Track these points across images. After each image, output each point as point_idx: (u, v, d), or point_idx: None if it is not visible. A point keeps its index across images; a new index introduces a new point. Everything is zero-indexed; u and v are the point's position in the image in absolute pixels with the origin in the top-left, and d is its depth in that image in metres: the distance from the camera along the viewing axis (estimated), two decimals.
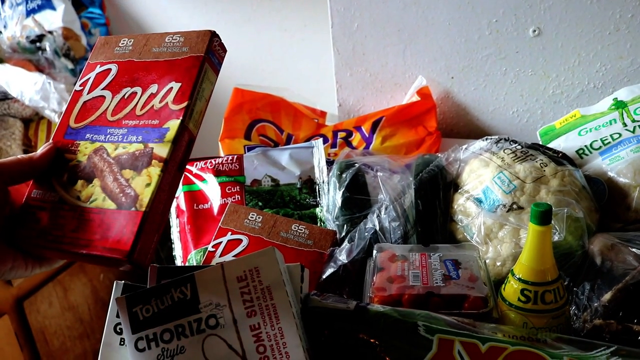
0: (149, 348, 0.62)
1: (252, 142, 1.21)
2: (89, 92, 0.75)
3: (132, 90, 0.73)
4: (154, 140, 0.67)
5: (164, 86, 0.71)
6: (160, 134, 0.68)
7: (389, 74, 1.33)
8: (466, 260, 0.83)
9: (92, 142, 0.70)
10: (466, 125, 1.32)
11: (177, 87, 0.71)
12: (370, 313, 0.67)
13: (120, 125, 0.70)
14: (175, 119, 0.68)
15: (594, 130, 1.06)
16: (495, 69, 1.25)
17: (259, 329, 0.61)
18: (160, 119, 0.68)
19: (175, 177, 0.67)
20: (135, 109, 0.71)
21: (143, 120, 0.70)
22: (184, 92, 0.70)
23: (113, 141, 0.69)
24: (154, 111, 0.70)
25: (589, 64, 1.19)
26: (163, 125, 0.68)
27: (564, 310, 0.75)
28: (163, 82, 0.72)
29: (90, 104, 0.74)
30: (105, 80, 0.75)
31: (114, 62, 0.76)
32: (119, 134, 0.70)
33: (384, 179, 0.98)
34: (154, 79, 0.73)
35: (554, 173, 0.94)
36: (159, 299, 0.63)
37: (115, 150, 0.69)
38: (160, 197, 0.64)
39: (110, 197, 0.65)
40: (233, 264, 0.64)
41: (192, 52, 0.75)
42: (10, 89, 1.70)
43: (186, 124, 0.68)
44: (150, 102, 0.71)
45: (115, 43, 0.79)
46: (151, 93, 0.72)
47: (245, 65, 1.93)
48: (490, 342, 0.64)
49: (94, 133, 0.71)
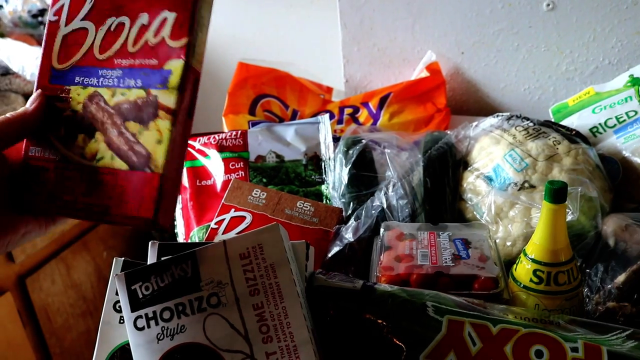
0: (149, 327, 0.60)
1: (256, 117, 1.19)
2: (66, 24, 0.64)
3: (119, 21, 0.63)
4: (156, 85, 0.61)
5: (156, 16, 0.62)
6: (162, 77, 0.61)
7: (398, 49, 1.30)
8: (476, 240, 0.80)
9: (84, 87, 0.63)
10: (476, 102, 1.30)
11: (172, 18, 0.61)
12: (378, 293, 0.65)
13: (113, 65, 0.62)
14: (177, 58, 0.60)
15: (609, 107, 1.04)
16: (507, 45, 1.22)
17: (262, 308, 0.59)
18: (159, 58, 0.61)
19: (186, 126, 0.62)
20: (127, 45, 0.62)
21: (138, 59, 0.62)
22: (182, 24, 0.61)
23: (108, 85, 0.62)
24: (149, 48, 0.61)
25: (604, 39, 1.16)
26: (163, 66, 0.61)
27: (577, 292, 0.73)
28: (154, 11, 0.62)
29: (71, 39, 0.64)
30: (83, 8, 0.64)
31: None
32: (114, 77, 0.62)
33: (392, 156, 0.96)
34: (141, 6, 0.63)
35: (567, 151, 0.91)
36: (159, 277, 0.61)
37: (113, 97, 0.62)
38: (174, 153, 0.60)
39: (119, 155, 0.60)
40: (236, 241, 0.62)
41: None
42: (12, 64, 1.67)
43: (190, 63, 0.61)
44: (143, 36, 0.62)
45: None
46: (142, 24, 0.62)
47: (251, 41, 1.91)
48: (501, 324, 0.62)
49: (84, 76, 0.63)
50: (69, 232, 1.81)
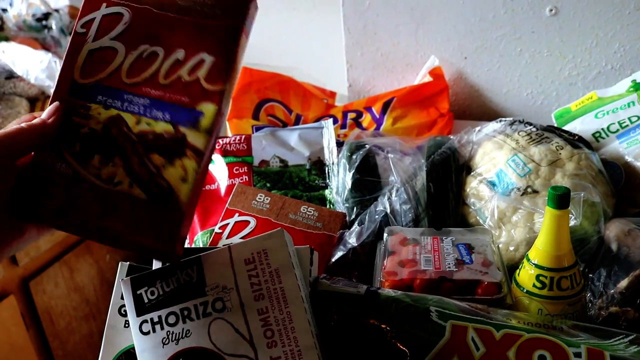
0: (154, 331, 0.60)
1: (260, 122, 1.19)
2: (95, 39, 0.62)
3: (152, 50, 0.61)
4: (186, 124, 0.59)
5: (194, 55, 0.61)
6: (193, 117, 0.59)
7: (401, 53, 1.30)
8: (479, 245, 0.81)
9: (106, 108, 0.60)
10: (479, 107, 1.30)
11: (209, 61, 0.61)
12: (381, 298, 0.65)
13: (141, 92, 0.60)
14: (211, 102, 0.60)
15: (611, 112, 1.04)
16: (509, 50, 1.22)
17: (266, 313, 0.59)
18: (191, 98, 0.60)
19: (207, 167, 0.61)
20: (159, 76, 0.61)
21: (169, 93, 0.60)
22: (220, 70, 0.60)
23: (133, 112, 0.60)
24: (182, 84, 0.60)
25: (607, 44, 1.16)
26: (195, 106, 0.60)
27: (580, 297, 0.73)
28: (191, 50, 0.61)
29: (98, 56, 0.62)
30: (115, 28, 0.62)
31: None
32: (140, 104, 0.60)
33: (395, 161, 0.96)
34: (179, 41, 0.61)
35: (570, 156, 0.92)
36: (164, 281, 0.62)
37: (138, 125, 0.60)
38: (196, 191, 0.59)
39: (139, 184, 0.58)
40: (241, 246, 0.62)
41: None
42: (16, 68, 1.68)
43: (222, 110, 0.60)
44: (177, 71, 0.61)
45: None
46: (177, 59, 0.61)
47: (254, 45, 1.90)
48: (505, 329, 0.62)
49: (108, 96, 0.61)
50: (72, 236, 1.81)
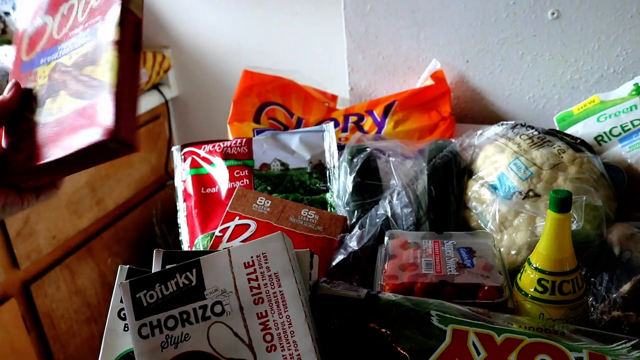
0: (153, 335, 0.60)
1: (261, 125, 1.19)
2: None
3: (69, 4, 0.72)
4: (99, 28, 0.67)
5: None
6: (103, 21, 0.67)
7: (402, 57, 1.30)
8: (481, 249, 0.80)
9: (47, 64, 0.71)
10: (481, 111, 1.30)
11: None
12: (382, 302, 0.65)
13: (69, 37, 0.70)
14: (115, 4, 0.67)
15: (614, 116, 1.04)
16: (511, 53, 1.22)
17: (266, 316, 0.59)
18: (102, 13, 0.67)
19: (134, 58, 0.66)
20: (77, 17, 0.71)
21: (87, 22, 0.69)
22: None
23: (66, 54, 0.70)
24: (93, 10, 0.69)
25: (609, 48, 1.16)
26: (106, 17, 0.67)
27: (582, 302, 0.73)
28: None
29: (35, 35, 0.75)
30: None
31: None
32: (69, 45, 0.70)
33: (396, 164, 0.96)
34: None
35: (572, 160, 0.91)
36: (163, 285, 0.62)
37: (71, 59, 0.69)
38: (124, 74, 0.64)
39: (78, 96, 0.65)
40: (240, 250, 0.62)
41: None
42: None
43: (127, 6, 0.67)
44: (88, 4, 0.70)
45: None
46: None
47: (256, 49, 1.91)
48: (506, 333, 0.62)
49: (47, 55, 0.72)
50: (74, 239, 1.81)
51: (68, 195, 1.80)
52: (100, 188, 1.92)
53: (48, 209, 1.73)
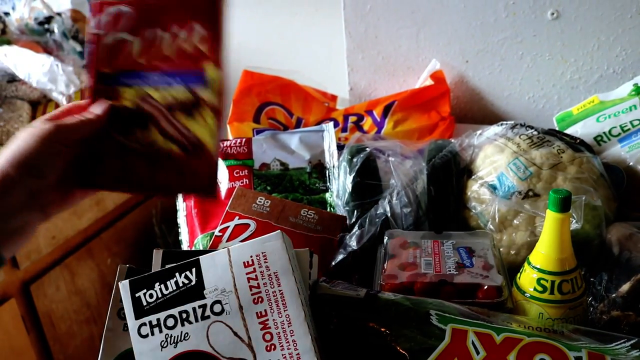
0: (152, 334, 0.60)
1: (261, 125, 1.19)
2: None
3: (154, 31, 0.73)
4: (196, 83, 0.70)
5: (185, 26, 0.72)
6: (199, 76, 0.70)
7: (402, 57, 1.30)
8: (480, 248, 0.80)
9: (130, 87, 0.72)
10: (480, 111, 1.30)
11: (198, 28, 0.73)
12: (381, 301, 0.65)
13: (155, 69, 0.72)
14: (210, 61, 0.71)
15: (613, 116, 1.04)
16: (511, 53, 1.22)
17: (265, 316, 0.59)
18: (193, 61, 0.70)
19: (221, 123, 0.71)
20: (164, 50, 0.72)
21: (178, 63, 0.71)
22: (209, 32, 0.73)
23: (153, 86, 0.71)
24: (183, 52, 0.71)
25: (608, 48, 1.16)
26: (198, 67, 0.70)
27: (581, 301, 0.73)
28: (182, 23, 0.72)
29: (115, 48, 0.74)
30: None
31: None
32: (158, 78, 0.71)
33: (396, 164, 0.96)
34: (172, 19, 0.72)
35: (572, 160, 0.91)
36: (163, 284, 0.62)
37: (160, 95, 0.71)
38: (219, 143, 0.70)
39: (172, 141, 0.69)
40: (240, 249, 0.62)
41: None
42: (18, 71, 1.68)
43: (220, 63, 0.72)
44: (176, 42, 0.72)
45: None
46: (174, 33, 0.72)
47: (256, 49, 1.91)
48: (505, 332, 0.62)
49: (130, 78, 0.72)
50: (73, 239, 1.81)
51: None
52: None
53: None
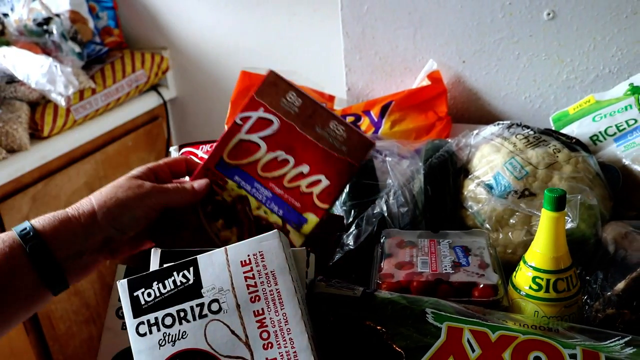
0: (150, 333, 0.61)
1: None
2: (247, 132, 0.79)
3: (286, 157, 0.78)
4: (292, 224, 0.76)
5: (315, 174, 0.77)
6: (299, 220, 0.76)
7: (399, 57, 1.31)
8: (476, 247, 0.81)
9: (239, 187, 0.77)
10: (477, 111, 1.30)
11: (325, 184, 0.77)
12: (377, 300, 0.66)
13: (267, 185, 0.77)
14: (315, 215, 0.76)
15: (609, 116, 1.04)
16: (507, 53, 1.23)
17: (262, 314, 0.60)
18: (302, 205, 0.76)
19: None
20: (284, 179, 0.77)
21: (288, 194, 0.76)
22: (330, 193, 0.77)
23: (257, 197, 0.77)
24: (299, 193, 0.76)
25: (604, 48, 1.16)
26: (303, 212, 0.76)
27: (576, 299, 0.73)
28: (315, 169, 0.78)
29: (245, 146, 0.79)
30: (264, 131, 0.79)
31: (277, 116, 0.80)
32: (264, 195, 0.77)
33: (393, 164, 0.96)
34: (308, 159, 0.78)
35: (568, 159, 0.92)
36: (161, 283, 0.62)
37: (257, 210, 0.76)
38: None
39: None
40: (237, 248, 0.62)
41: (349, 156, 0.79)
42: (17, 72, 1.68)
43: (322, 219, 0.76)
44: (298, 181, 0.77)
45: (283, 92, 0.81)
46: (301, 172, 0.77)
47: (254, 50, 1.92)
48: (500, 330, 0.62)
49: (243, 179, 0.77)
50: None
51: (67, 196, 1.80)
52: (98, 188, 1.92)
53: (47, 209, 1.72)
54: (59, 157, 1.78)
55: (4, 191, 1.62)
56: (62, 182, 1.79)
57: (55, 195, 1.77)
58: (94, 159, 1.91)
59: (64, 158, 1.81)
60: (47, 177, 1.75)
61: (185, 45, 2.08)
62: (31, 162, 1.69)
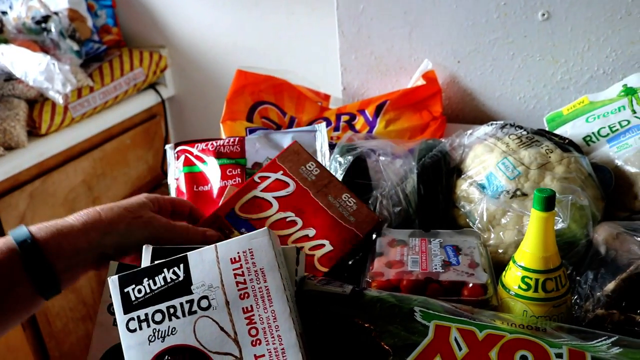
0: (140, 329, 0.61)
1: (254, 124, 1.20)
2: (262, 191, 0.85)
3: (294, 219, 0.83)
4: None
5: (319, 239, 0.82)
6: None
7: (395, 57, 1.31)
8: (467, 247, 0.81)
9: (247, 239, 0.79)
10: (472, 111, 1.31)
11: (328, 249, 0.81)
12: (366, 298, 0.66)
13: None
14: None
15: (602, 117, 1.04)
16: (502, 54, 1.23)
17: (251, 311, 0.60)
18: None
19: None
20: (289, 238, 0.81)
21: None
22: (331, 258, 0.81)
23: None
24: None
25: (599, 49, 1.17)
26: None
27: (565, 299, 0.74)
28: (320, 234, 0.82)
29: (258, 202, 0.84)
30: (279, 192, 0.85)
31: (294, 180, 0.86)
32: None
33: (386, 164, 0.97)
34: (316, 224, 0.82)
35: (560, 159, 0.92)
36: (151, 280, 0.63)
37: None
38: None
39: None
40: (227, 245, 0.63)
41: (356, 227, 0.83)
42: (15, 70, 1.69)
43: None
44: (303, 242, 0.81)
45: (304, 161, 0.88)
46: (307, 235, 0.82)
47: (251, 48, 1.92)
48: (487, 329, 0.63)
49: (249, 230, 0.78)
50: None
51: (64, 193, 1.81)
52: (96, 186, 1.93)
53: (44, 207, 1.74)
54: (56, 155, 1.79)
55: (1, 188, 1.62)
56: (59, 179, 1.79)
57: (53, 193, 1.77)
58: (92, 156, 1.91)
59: (62, 155, 1.82)
60: (45, 174, 1.75)
61: (184, 43, 2.08)
62: (29, 160, 1.70)
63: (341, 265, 0.83)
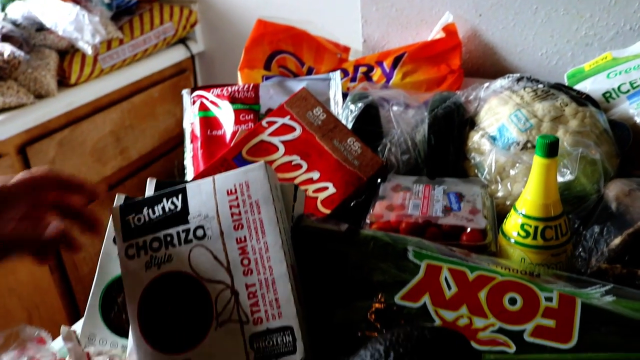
0: (138, 256, 0.63)
1: (271, 72, 1.20)
2: (269, 135, 0.87)
3: (299, 162, 0.85)
4: None
5: (323, 181, 0.83)
6: None
7: (416, 9, 1.29)
8: (470, 194, 0.81)
9: None
10: (492, 66, 1.28)
11: (331, 191, 0.83)
12: (361, 235, 0.67)
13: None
14: None
15: (624, 73, 1.02)
16: (525, 7, 1.20)
17: (244, 242, 0.62)
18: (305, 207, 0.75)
19: None
20: (293, 181, 0.83)
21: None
22: (334, 200, 0.82)
23: None
24: (306, 197, 0.77)
25: (626, 3, 1.12)
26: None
27: (565, 249, 0.73)
28: (324, 177, 0.83)
29: (265, 146, 0.86)
30: (285, 136, 0.87)
31: (301, 124, 0.88)
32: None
33: (398, 113, 0.97)
34: (320, 167, 0.84)
35: (574, 113, 0.91)
36: (150, 209, 0.64)
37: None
38: None
39: None
40: (224, 178, 0.64)
41: (360, 170, 0.85)
42: (45, 20, 1.72)
43: None
44: (307, 185, 0.83)
45: (311, 106, 0.89)
46: (311, 178, 0.83)
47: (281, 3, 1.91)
48: (479, 270, 0.63)
49: None
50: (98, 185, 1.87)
51: (93, 143, 1.85)
52: (124, 138, 1.97)
53: (73, 155, 1.78)
54: (85, 105, 1.83)
55: (31, 135, 1.67)
56: (88, 129, 1.83)
57: (82, 142, 1.82)
58: (120, 108, 1.95)
59: (91, 106, 1.85)
60: (74, 123, 1.79)
61: None
62: (58, 108, 1.74)
63: (344, 207, 0.83)
